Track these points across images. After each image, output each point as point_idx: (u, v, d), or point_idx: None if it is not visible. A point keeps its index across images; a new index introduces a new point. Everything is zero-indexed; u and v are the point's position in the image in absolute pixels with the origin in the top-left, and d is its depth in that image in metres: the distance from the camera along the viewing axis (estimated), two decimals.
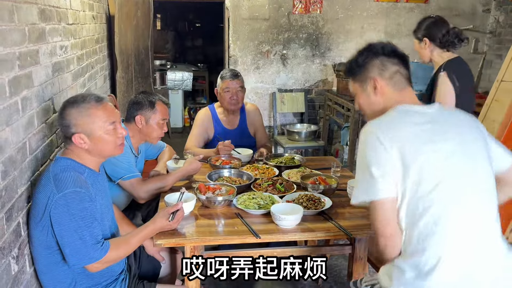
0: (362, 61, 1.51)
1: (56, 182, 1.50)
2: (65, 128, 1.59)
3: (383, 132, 1.34)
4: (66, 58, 2.31)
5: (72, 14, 2.51)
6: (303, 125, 4.72)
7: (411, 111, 1.41)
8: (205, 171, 2.43)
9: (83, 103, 1.59)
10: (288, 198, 2.04)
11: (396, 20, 4.76)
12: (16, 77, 1.53)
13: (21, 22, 1.61)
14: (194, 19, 9.25)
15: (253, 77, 4.69)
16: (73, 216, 1.48)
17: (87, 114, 1.58)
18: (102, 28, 3.63)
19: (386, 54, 1.48)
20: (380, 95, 1.49)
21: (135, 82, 4.17)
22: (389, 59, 1.48)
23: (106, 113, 1.62)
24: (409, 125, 1.36)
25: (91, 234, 1.51)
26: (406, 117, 1.39)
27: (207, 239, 1.75)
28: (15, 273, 1.49)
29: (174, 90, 6.44)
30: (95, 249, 1.51)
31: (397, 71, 1.47)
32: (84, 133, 1.58)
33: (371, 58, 1.50)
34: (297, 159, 2.65)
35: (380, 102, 1.49)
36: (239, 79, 2.82)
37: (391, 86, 1.47)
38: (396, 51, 1.50)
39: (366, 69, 1.50)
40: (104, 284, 1.69)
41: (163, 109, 2.29)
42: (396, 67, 1.47)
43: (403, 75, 1.48)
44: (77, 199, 1.50)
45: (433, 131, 1.36)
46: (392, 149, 1.31)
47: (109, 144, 1.63)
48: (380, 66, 1.48)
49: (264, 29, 4.59)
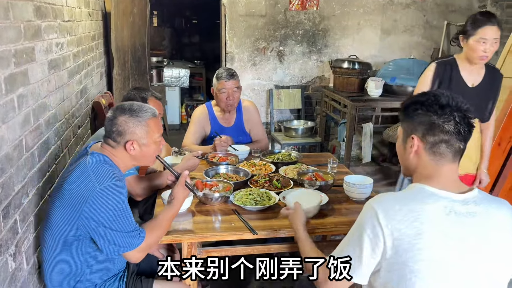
0: (412, 112, 1.31)
1: (97, 176, 1.55)
2: (117, 133, 1.65)
3: (385, 218, 1.20)
4: (62, 55, 2.30)
5: (68, 11, 2.50)
6: (300, 122, 4.72)
7: (430, 195, 1.23)
8: (202, 167, 2.43)
9: (141, 113, 1.67)
10: (285, 194, 2.05)
11: (392, 17, 4.76)
12: (12, 75, 1.53)
13: (17, 19, 1.61)
14: (191, 16, 9.23)
15: (249, 73, 4.69)
16: (114, 207, 1.53)
17: (145, 125, 1.67)
18: (98, 25, 3.62)
19: (442, 116, 1.24)
20: (414, 155, 1.31)
21: (131, 79, 4.16)
22: (443, 124, 1.24)
23: (158, 125, 1.73)
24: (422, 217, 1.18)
25: (130, 223, 1.58)
26: (419, 203, 1.21)
27: (204, 235, 1.76)
28: (12, 271, 1.49)
29: (171, 87, 6.43)
30: (133, 236, 1.57)
31: (444, 141, 1.25)
32: (138, 141, 1.66)
33: (422, 114, 1.28)
34: (293, 155, 2.66)
35: (414, 163, 1.32)
36: (235, 79, 2.80)
37: (430, 154, 1.27)
38: (460, 116, 1.24)
39: (412, 123, 1.31)
40: (104, 280, 1.71)
41: (155, 105, 2.29)
42: (445, 137, 1.24)
43: (450, 147, 1.25)
44: (116, 191, 1.55)
45: (451, 227, 1.18)
46: (387, 240, 1.19)
47: (152, 153, 1.73)
48: (427, 127, 1.26)
49: (260, 25, 4.59)
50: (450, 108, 1.24)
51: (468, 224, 1.20)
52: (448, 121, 1.24)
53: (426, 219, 1.18)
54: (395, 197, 1.26)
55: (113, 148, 1.67)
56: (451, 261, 1.17)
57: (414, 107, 1.30)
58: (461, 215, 1.20)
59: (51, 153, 2.01)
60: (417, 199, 1.22)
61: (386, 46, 4.84)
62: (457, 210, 1.20)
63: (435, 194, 1.23)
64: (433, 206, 1.20)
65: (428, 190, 1.24)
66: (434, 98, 1.27)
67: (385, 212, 1.20)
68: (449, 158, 1.27)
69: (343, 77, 4.38)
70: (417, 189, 1.27)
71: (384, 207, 1.22)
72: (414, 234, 1.17)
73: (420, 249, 1.16)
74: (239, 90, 2.83)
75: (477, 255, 1.19)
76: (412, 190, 1.28)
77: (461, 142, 1.25)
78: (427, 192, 1.24)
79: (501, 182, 3.03)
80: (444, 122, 1.24)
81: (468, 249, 1.18)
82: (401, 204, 1.21)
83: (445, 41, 4.86)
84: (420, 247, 1.16)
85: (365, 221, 1.24)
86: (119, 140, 1.65)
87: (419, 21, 4.82)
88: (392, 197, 1.26)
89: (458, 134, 1.24)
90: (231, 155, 2.59)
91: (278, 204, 1.98)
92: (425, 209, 1.20)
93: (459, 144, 1.25)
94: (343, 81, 4.40)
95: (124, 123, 1.64)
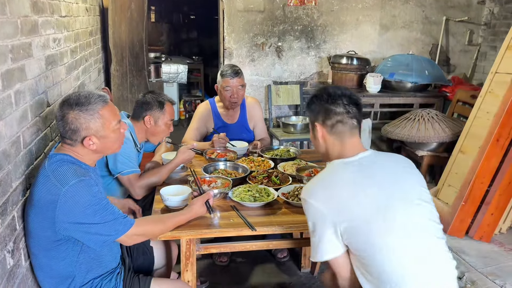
0: (312, 105, 1.61)
1: (58, 177, 1.50)
2: (72, 131, 1.57)
3: (317, 199, 1.44)
4: (59, 51, 2.29)
5: (65, 7, 2.48)
6: (299, 118, 4.71)
7: (346, 164, 1.50)
8: (201, 164, 2.43)
9: (90, 105, 1.58)
10: (284, 190, 2.05)
11: (391, 12, 4.75)
12: (9, 70, 1.52)
13: (13, 15, 1.60)
14: (189, 11, 9.19)
15: (248, 69, 4.67)
16: (88, 203, 1.49)
17: (97, 117, 1.58)
18: (95, 20, 3.60)
19: (333, 103, 1.54)
20: (322, 140, 1.58)
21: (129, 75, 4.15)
22: (335, 108, 1.54)
23: (113, 112, 1.65)
24: (341, 183, 1.46)
25: (111, 212, 1.55)
26: (338, 174, 1.49)
27: (203, 231, 1.75)
28: (10, 267, 1.49)
29: (169, 83, 6.41)
30: (119, 223, 1.55)
31: (339, 121, 1.53)
32: (95, 135, 1.59)
33: (318, 105, 1.57)
34: (292, 151, 2.66)
35: (323, 146, 1.59)
36: (240, 77, 2.77)
37: (332, 134, 1.55)
38: (346, 99, 1.55)
39: (313, 114, 1.60)
40: (100, 279, 1.70)
41: (171, 110, 2.36)
42: (338, 117, 1.53)
43: (346, 125, 1.53)
44: (84, 187, 1.50)
45: (362, 177, 1.46)
46: (327, 213, 1.41)
47: (114, 142, 1.67)
48: (323, 114, 1.55)
49: (259, 21, 4.57)
50: (336, 95, 1.55)
51: (374, 168, 1.49)
52: (337, 104, 1.53)
53: (345, 184, 1.45)
54: (318, 182, 1.50)
55: (72, 146, 1.60)
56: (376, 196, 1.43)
57: (311, 101, 1.61)
58: (366, 166, 1.49)
59: (49, 149, 2.00)
60: (330, 173, 1.51)
61: (384, 41, 4.83)
62: (363, 163, 1.49)
63: (343, 162, 1.51)
64: (346, 171, 1.48)
65: (337, 162, 1.52)
66: (324, 90, 1.60)
67: (314, 198, 1.44)
68: (347, 134, 1.54)
69: (342, 73, 4.37)
70: (329, 166, 1.55)
71: (315, 196, 1.45)
72: (346, 199, 1.42)
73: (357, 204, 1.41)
74: (243, 88, 2.82)
75: (390, 185, 1.46)
76: (325, 169, 1.55)
77: (353, 119, 1.54)
78: (336, 164, 1.52)
79: (499, 177, 3.03)
80: (335, 106, 1.53)
81: (382, 182, 1.45)
82: (324, 187, 1.46)
83: (443, 37, 4.86)
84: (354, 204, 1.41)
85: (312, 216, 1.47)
86: (76, 138, 1.57)
87: (418, 17, 4.81)
88: (310, 184, 1.51)
89: (348, 113, 1.53)
90: (230, 151, 2.58)
91: (277, 201, 1.98)
92: (343, 177, 1.47)
93: (351, 121, 1.54)
94: (341, 77, 4.39)
95: (75, 120, 1.55)
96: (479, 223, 3.06)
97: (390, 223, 1.38)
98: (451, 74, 4.98)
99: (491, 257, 2.86)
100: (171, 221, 1.71)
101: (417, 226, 1.41)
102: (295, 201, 1.93)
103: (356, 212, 1.39)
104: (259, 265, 2.84)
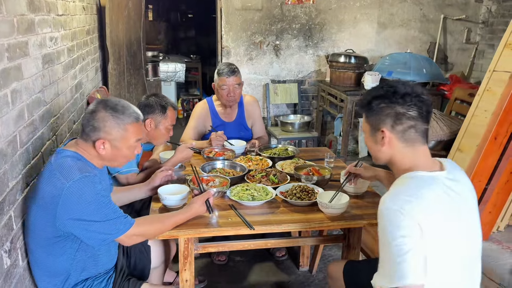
0: (376, 107, 1.38)
1: (63, 172, 1.50)
2: (92, 128, 1.59)
3: (408, 212, 1.21)
4: (56, 50, 2.28)
5: (61, 5, 2.47)
6: (297, 116, 4.71)
7: (430, 180, 1.30)
8: (199, 162, 2.42)
9: (123, 115, 1.61)
10: (282, 189, 2.05)
11: (389, 10, 4.75)
12: (5, 69, 1.51)
13: (9, 13, 1.59)
14: (186, 10, 9.17)
15: (246, 68, 4.67)
16: (91, 199, 1.49)
17: (123, 128, 1.61)
18: (92, 19, 3.58)
19: (405, 104, 1.34)
20: (388, 146, 1.39)
21: (127, 74, 4.13)
22: (407, 112, 1.33)
23: (137, 131, 1.67)
24: (431, 201, 1.26)
25: (113, 210, 1.55)
26: (427, 192, 1.27)
27: (201, 231, 1.75)
28: (7, 267, 1.48)
29: (167, 81, 6.40)
30: (119, 222, 1.54)
31: (412, 127, 1.34)
32: (110, 142, 1.60)
33: (386, 107, 1.36)
34: (290, 150, 2.65)
35: (387, 153, 1.40)
36: (236, 75, 2.76)
37: (402, 141, 1.36)
38: (419, 100, 1.34)
39: (378, 117, 1.38)
40: (92, 279, 1.69)
41: (172, 115, 2.36)
42: (411, 122, 1.34)
43: (418, 131, 1.35)
44: (88, 183, 1.50)
45: (450, 205, 1.29)
46: (415, 225, 1.21)
47: (123, 157, 1.68)
48: (393, 118, 1.35)
49: (257, 19, 4.56)
50: (409, 95, 1.34)
51: (457, 193, 1.31)
52: (411, 107, 1.33)
53: (431, 202, 1.25)
54: (402, 192, 1.28)
55: (85, 142, 1.61)
56: (453, 230, 1.27)
57: (377, 102, 1.37)
58: (451, 189, 1.30)
59: (46, 148, 2.00)
60: (420, 186, 1.28)
61: (382, 40, 4.83)
62: (448, 185, 1.30)
63: (431, 177, 1.30)
64: (434, 188, 1.28)
65: (423, 175, 1.32)
66: (392, 89, 1.36)
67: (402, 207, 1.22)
68: (420, 141, 1.36)
69: (340, 71, 4.37)
70: (414, 178, 1.31)
71: (401, 204, 1.23)
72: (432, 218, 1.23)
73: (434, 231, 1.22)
74: (240, 87, 2.81)
75: (468, 216, 1.34)
76: (411, 180, 1.31)
77: (426, 123, 1.36)
78: (423, 177, 1.31)
79: (497, 176, 3.04)
80: (408, 110, 1.33)
81: (461, 215, 1.30)
82: (411, 196, 1.25)
83: (441, 35, 4.86)
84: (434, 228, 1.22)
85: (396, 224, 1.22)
86: (92, 136, 1.59)
87: (416, 15, 4.82)
88: (401, 194, 1.27)
89: (421, 117, 1.34)
90: (228, 150, 2.58)
91: (275, 199, 1.98)
92: (429, 193, 1.26)
93: (425, 126, 1.36)
94: (339, 75, 4.39)
95: (102, 120, 1.58)
96: None
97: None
98: (449, 72, 4.99)
99: (489, 255, 2.87)
100: (170, 220, 1.70)
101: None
102: (293, 200, 1.92)
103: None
104: (258, 264, 2.84)
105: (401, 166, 1.39)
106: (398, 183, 1.35)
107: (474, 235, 1.36)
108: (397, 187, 1.32)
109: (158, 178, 2.01)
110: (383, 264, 1.26)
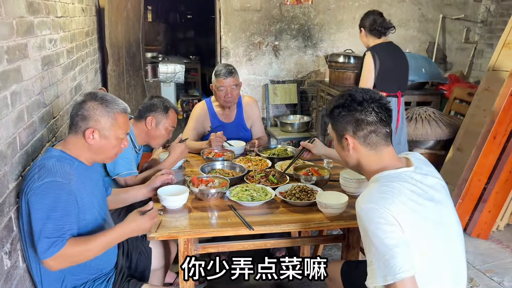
0: (338, 115, 1.46)
1: (40, 171, 1.50)
2: (82, 117, 1.59)
3: (383, 206, 1.28)
4: (55, 52, 2.28)
5: (61, 7, 2.48)
6: (296, 117, 4.72)
7: (398, 177, 1.37)
8: (198, 163, 2.43)
9: (112, 105, 1.63)
10: (281, 189, 2.05)
11: (387, 11, 4.75)
12: (5, 71, 1.51)
13: (9, 15, 1.59)
14: (186, 11, 9.18)
15: (245, 68, 4.68)
16: (46, 206, 1.46)
17: (112, 117, 1.62)
18: (92, 20, 3.59)
19: (363, 111, 1.41)
20: (353, 151, 1.46)
21: (126, 75, 4.14)
22: (366, 118, 1.41)
23: (125, 123, 1.68)
24: (403, 195, 1.32)
25: (56, 229, 1.45)
26: (397, 187, 1.33)
27: (200, 231, 1.75)
28: (7, 269, 1.48)
29: (166, 82, 6.41)
30: (50, 244, 1.43)
31: (372, 131, 1.41)
32: (99, 131, 1.60)
33: (346, 115, 1.44)
34: (290, 150, 2.65)
35: (354, 157, 1.47)
36: (233, 76, 2.76)
37: (366, 146, 1.44)
38: (377, 106, 1.42)
39: (341, 125, 1.46)
40: (92, 280, 1.69)
41: (174, 117, 2.38)
42: (371, 127, 1.41)
43: (379, 134, 1.42)
44: (55, 189, 1.48)
45: (421, 198, 1.35)
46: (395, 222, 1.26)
47: (111, 149, 1.66)
48: (354, 125, 1.43)
49: (256, 20, 4.57)
50: (366, 102, 1.42)
51: (427, 185, 1.39)
52: (369, 113, 1.41)
53: (403, 196, 1.32)
54: (374, 191, 1.35)
55: (74, 135, 1.61)
56: (430, 217, 1.35)
57: (338, 111, 1.46)
58: (420, 182, 1.38)
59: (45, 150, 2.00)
60: (390, 182, 1.35)
61: None
62: (416, 179, 1.38)
63: (399, 174, 1.38)
64: (403, 183, 1.35)
65: (390, 173, 1.39)
66: (350, 97, 1.44)
67: (379, 206, 1.29)
68: (383, 143, 1.43)
69: (339, 71, 4.38)
70: (383, 177, 1.39)
71: (374, 200, 1.31)
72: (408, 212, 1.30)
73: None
74: (238, 88, 2.81)
75: (441, 206, 1.40)
76: (380, 179, 1.39)
77: (386, 127, 1.43)
78: (391, 175, 1.38)
79: (496, 175, 3.04)
80: (367, 116, 1.41)
81: (434, 205, 1.37)
82: (383, 193, 1.32)
83: (440, 35, 4.86)
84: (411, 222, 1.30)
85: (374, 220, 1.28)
86: (81, 125, 1.59)
87: (415, 15, 4.82)
88: (373, 193, 1.34)
89: (381, 121, 1.42)
90: (227, 151, 2.58)
91: (275, 200, 1.98)
92: (400, 188, 1.33)
93: (385, 129, 1.43)
94: (338, 76, 4.40)
95: (92, 109, 1.59)
96: (476, 220, 3.07)
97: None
98: (448, 72, 4.99)
99: (489, 254, 2.88)
100: (96, 242, 1.53)
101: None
102: (292, 200, 1.93)
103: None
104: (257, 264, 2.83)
105: (369, 168, 1.46)
106: (368, 185, 1.42)
107: (451, 222, 1.43)
108: (368, 188, 1.39)
109: (159, 180, 2.00)
110: (372, 265, 1.29)
